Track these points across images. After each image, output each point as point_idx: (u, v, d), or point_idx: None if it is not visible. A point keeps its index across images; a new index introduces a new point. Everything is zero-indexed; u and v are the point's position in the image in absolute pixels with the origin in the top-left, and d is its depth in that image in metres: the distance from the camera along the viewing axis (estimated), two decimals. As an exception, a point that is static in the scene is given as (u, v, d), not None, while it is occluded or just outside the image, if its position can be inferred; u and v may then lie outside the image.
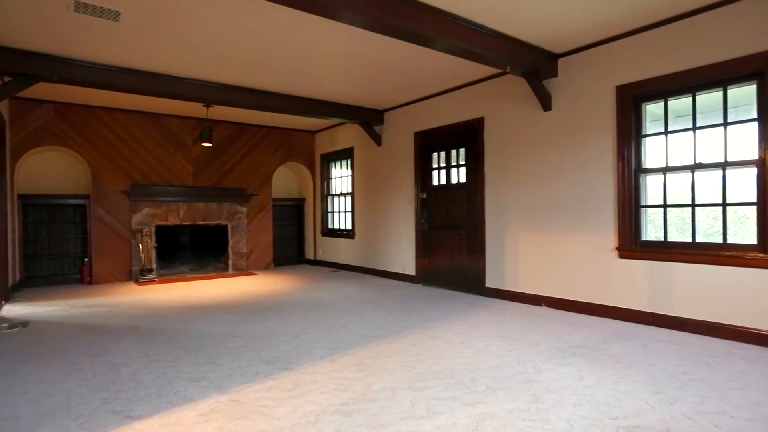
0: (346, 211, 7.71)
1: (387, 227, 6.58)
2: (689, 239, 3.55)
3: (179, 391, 2.41)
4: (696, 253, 3.42)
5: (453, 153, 5.56)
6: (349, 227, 7.57)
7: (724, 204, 3.36)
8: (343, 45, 4.10)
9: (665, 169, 3.68)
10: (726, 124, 3.35)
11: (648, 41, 3.69)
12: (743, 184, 3.32)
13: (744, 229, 3.38)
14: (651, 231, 3.85)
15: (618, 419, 2.02)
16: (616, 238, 3.90)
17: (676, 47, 3.52)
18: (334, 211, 8.08)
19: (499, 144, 4.94)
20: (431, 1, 3.24)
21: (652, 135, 3.80)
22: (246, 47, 4.12)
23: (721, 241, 3.38)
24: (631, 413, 2.08)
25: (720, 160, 3.37)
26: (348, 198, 7.61)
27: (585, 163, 4.13)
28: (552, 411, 2.11)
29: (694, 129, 3.52)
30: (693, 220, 3.53)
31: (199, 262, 7.41)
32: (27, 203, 6.01)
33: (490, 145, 5.03)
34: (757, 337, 3.10)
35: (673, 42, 3.54)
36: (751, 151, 3.23)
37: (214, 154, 7.19)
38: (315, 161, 8.36)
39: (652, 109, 3.84)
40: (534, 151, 4.57)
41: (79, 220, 6.38)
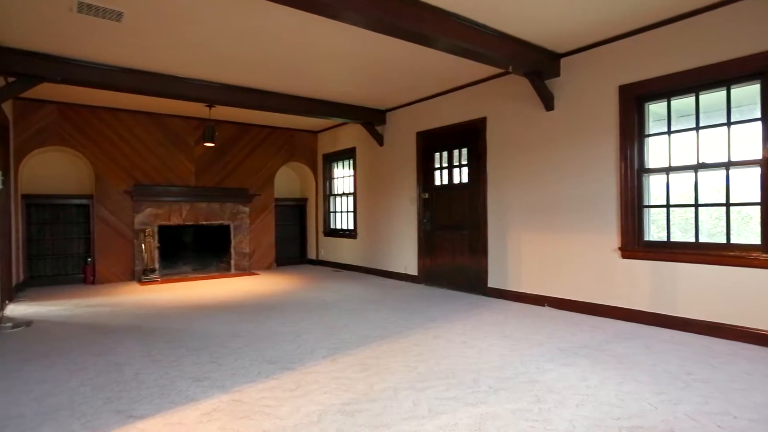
0: (348, 211, 7.71)
1: (389, 227, 6.58)
2: (692, 239, 3.54)
3: (182, 390, 2.42)
4: (699, 253, 3.41)
5: (455, 153, 5.55)
6: (351, 227, 7.57)
7: (728, 204, 3.35)
8: (345, 45, 4.10)
9: (668, 169, 3.67)
10: (729, 124, 3.33)
11: (650, 41, 3.68)
12: (747, 183, 3.31)
13: (747, 229, 3.37)
14: (654, 231, 3.84)
15: (621, 420, 2.01)
16: (618, 238, 3.89)
17: (678, 47, 3.51)
18: (336, 211, 8.09)
19: (501, 144, 4.93)
20: (433, 1, 3.24)
21: (655, 135, 3.79)
22: (248, 47, 4.13)
23: (724, 241, 3.37)
24: (634, 414, 2.07)
25: (723, 159, 3.36)
26: (350, 198, 7.62)
27: (587, 163, 4.12)
28: (554, 411, 2.10)
29: (697, 129, 3.51)
30: (696, 220, 3.52)
31: (202, 262, 7.42)
32: (31, 203, 6.03)
33: (492, 145, 5.03)
34: (761, 337, 3.09)
35: (675, 41, 3.53)
36: (754, 151, 3.22)
37: (217, 154, 7.20)
38: (317, 161, 8.37)
39: (655, 109, 3.83)
40: (536, 151, 4.57)
41: (83, 220, 6.40)
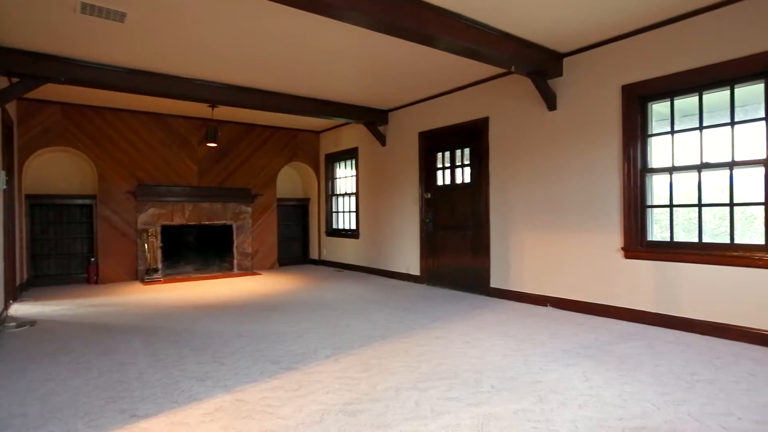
0: (350, 211, 7.71)
1: (391, 227, 6.58)
2: (696, 239, 3.53)
3: (185, 390, 2.42)
4: (703, 253, 3.40)
5: (457, 153, 5.55)
6: (353, 227, 7.57)
7: (732, 204, 3.34)
8: (347, 45, 4.10)
9: (671, 169, 3.66)
10: (733, 124, 3.32)
11: (654, 40, 3.67)
12: (751, 183, 3.30)
13: (751, 230, 3.35)
14: (657, 231, 3.82)
15: (624, 420, 2.01)
16: (621, 238, 3.88)
17: (682, 46, 3.50)
18: (338, 211, 8.09)
19: (503, 144, 4.93)
20: (435, 1, 3.23)
21: (659, 134, 3.77)
22: (251, 47, 4.14)
23: (728, 241, 3.36)
24: (638, 414, 2.07)
25: (727, 159, 3.35)
26: (352, 198, 7.62)
27: (590, 163, 4.11)
28: (557, 412, 2.10)
29: (701, 128, 3.50)
30: (700, 220, 3.50)
31: (204, 262, 7.44)
32: (35, 203, 6.06)
33: (494, 145, 5.02)
34: (765, 338, 3.07)
35: (679, 41, 3.52)
36: (758, 151, 3.20)
37: (219, 154, 7.22)
38: (319, 161, 8.37)
39: (659, 109, 3.82)
40: (539, 150, 4.56)
41: (86, 220, 6.43)
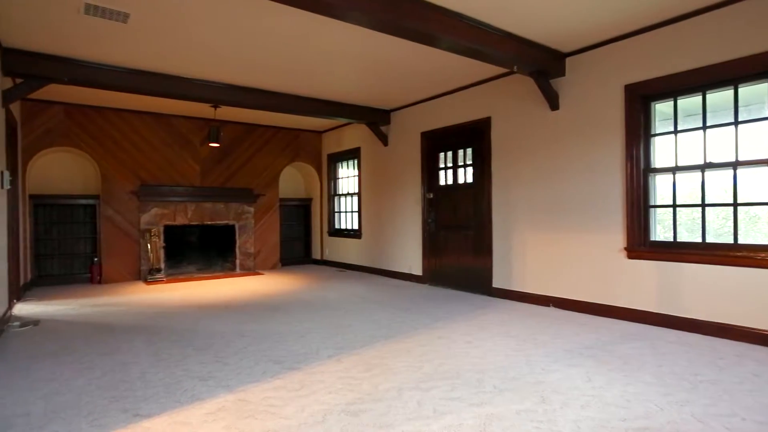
0: (352, 211, 7.72)
1: (394, 227, 6.58)
2: (699, 239, 3.52)
3: (187, 389, 2.43)
4: (706, 253, 3.38)
5: (460, 153, 5.54)
6: (355, 227, 7.57)
7: (735, 204, 3.32)
8: (349, 45, 4.10)
9: (675, 169, 3.65)
10: (737, 123, 3.30)
11: (657, 40, 3.66)
12: (755, 183, 3.28)
13: (755, 230, 3.33)
14: (660, 231, 3.81)
15: (627, 421, 2.00)
16: (624, 238, 3.87)
17: (685, 45, 3.49)
18: (340, 211, 8.09)
19: (506, 144, 4.92)
20: (438, 1, 3.23)
21: (662, 134, 3.76)
22: (253, 48, 4.14)
23: (731, 241, 3.34)
24: (641, 415, 2.06)
25: (731, 159, 3.33)
26: (355, 198, 7.62)
27: (593, 163, 4.10)
28: (560, 412, 2.10)
29: (704, 128, 3.48)
30: (703, 220, 3.49)
31: (207, 262, 7.45)
32: (38, 203, 6.08)
33: (497, 145, 5.02)
34: (769, 338, 3.06)
35: (682, 40, 3.51)
36: (762, 150, 3.19)
37: (222, 154, 7.23)
38: (322, 161, 8.38)
39: (662, 108, 3.80)
40: (541, 150, 4.55)
41: (89, 220, 6.45)
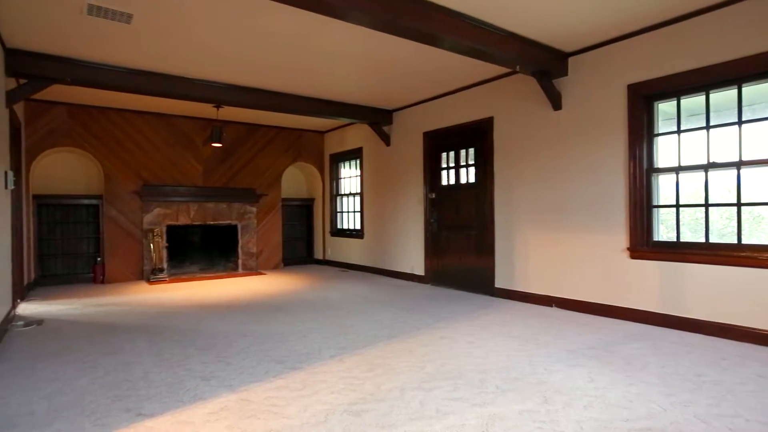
0: (355, 211, 7.72)
1: (396, 227, 6.58)
2: (702, 240, 3.50)
3: (190, 389, 2.44)
4: (709, 253, 3.37)
5: (462, 153, 5.54)
6: (358, 227, 7.58)
7: (739, 204, 3.31)
8: (351, 45, 4.11)
9: (678, 169, 3.63)
10: (741, 123, 3.29)
11: (660, 39, 3.64)
12: (759, 183, 3.27)
13: (759, 230, 3.32)
14: (663, 231, 3.80)
15: (630, 422, 2.00)
16: (627, 238, 3.86)
17: (688, 45, 3.48)
18: (343, 211, 8.10)
19: (508, 144, 4.91)
20: (440, 1, 3.23)
21: (665, 134, 3.75)
22: (255, 48, 4.15)
23: (735, 241, 3.33)
24: (643, 416, 2.06)
25: (734, 159, 3.32)
26: (357, 198, 7.62)
27: (596, 163, 4.09)
28: (562, 413, 2.09)
29: (708, 128, 3.47)
30: (706, 221, 3.48)
31: (210, 262, 7.47)
32: (42, 203, 6.11)
33: (499, 145, 5.01)
34: (773, 339, 3.05)
35: (685, 40, 3.49)
36: (766, 150, 3.18)
37: (224, 154, 7.24)
38: (324, 161, 8.39)
39: (665, 108, 3.79)
40: (544, 150, 4.54)
41: (92, 220, 6.47)
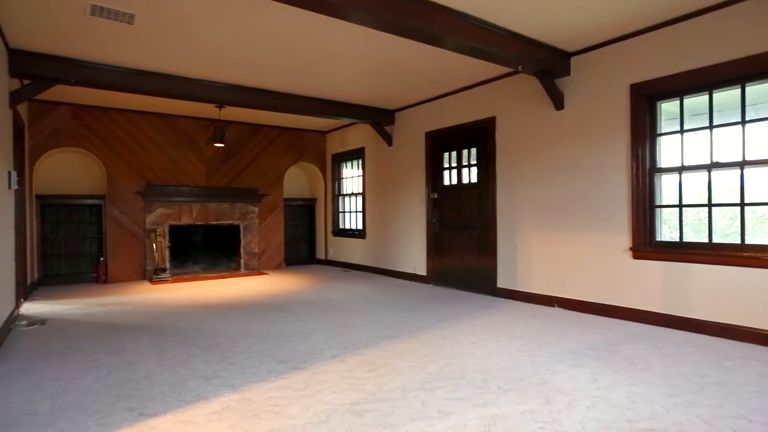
0: (357, 211, 7.72)
1: (398, 227, 6.58)
2: (706, 240, 3.49)
3: (192, 389, 2.44)
4: (712, 253, 3.36)
5: (464, 153, 5.53)
6: (360, 227, 7.58)
7: (742, 204, 3.30)
8: (353, 45, 4.11)
9: (681, 169, 3.62)
10: (744, 123, 3.28)
11: (662, 39, 3.63)
12: (762, 183, 3.25)
13: (763, 230, 3.31)
14: (666, 231, 3.79)
15: (632, 422, 1.99)
16: (629, 238, 3.85)
17: (692, 44, 3.46)
18: (345, 211, 8.10)
19: (510, 144, 4.91)
20: (442, 0, 3.23)
21: (668, 134, 3.74)
22: (257, 48, 4.15)
23: (738, 241, 3.32)
24: (646, 416, 2.05)
25: (738, 159, 3.31)
26: (359, 198, 7.63)
27: (598, 163, 4.08)
28: (565, 413, 2.09)
29: (711, 127, 3.46)
30: (710, 221, 3.47)
31: (212, 262, 7.48)
32: (45, 203, 6.13)
33: (501, 145, 5.00)
34: (777, 339, 3.04)
35: (688, 39, 3.48)
36: (770, 150, 3.16)
37: (227, 154, 7.25)
38: (326, 161, 8.39)
39: (668, 108, 3.78)
40: (546, 150, 4.53)
41: (95, 220, 6.49)
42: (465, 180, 5.52)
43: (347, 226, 8.02)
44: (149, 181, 6.58)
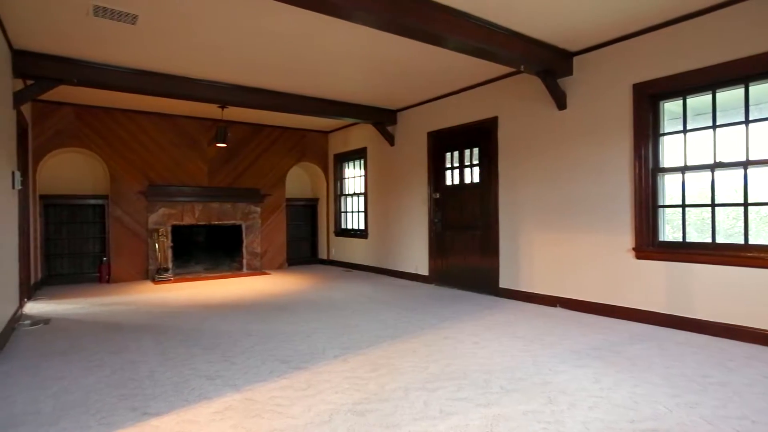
0: (359, 211, 7.73)
1: (400, 227, 6.58)
2: (709, 240, 3.48)
3: (195, 388, 2.45)
4: (716, 254, 3.35)
5: (466, 153, 5.53)
6: (362, 227, 7.58)
7: (746, 204, 3.28)
8: (355, 45, 4.11)
9: (684, 168, 3.61)
10: (747, 122, 3.27)
11: (665, 38, 3.62)
12: (766, 183, 3.24)
13: (766, 230, 3.29)
14: (669, 231, 3.78)
15: (635, 423, 1.99)
16: (632, 238, 3.84)
17: (695, 44, 3.45)
18: (347, 211, 8.10)
19: (512, 143, 4.90)
20: (444, 0, 3.23)
21: (671, 134, 3.73)
22: (259, 49, 4.16)
23: (742, 242, 3.30)
24: (649, 417, 2.04)
25: (741, 158, 3.29)
26: (361, 198, 7.63)
27: (601, 163, 4.07)
28: (567, 413, 2.08)
29: (714, 127, 3.44)
30: (713, 221, 3.45)
31: (214, 262, 7.50)
32: (48, 203, 6.15)
33: (503, 145, 5.00)
34: (780, 340, 3.03)
35: (692, 39, 3.47)
36: (773, 150, 3.15)
37: (229, 154, 7.27)
38: (328, 161, 8.40)
39: (671, 107, 3.77)
40: (548, 150, 4.52)
41: (98, 219, 6.51)
42: (467, 180, 5.52)
43: (349, 226, 8.02)
44: (152, 181, 6.60)
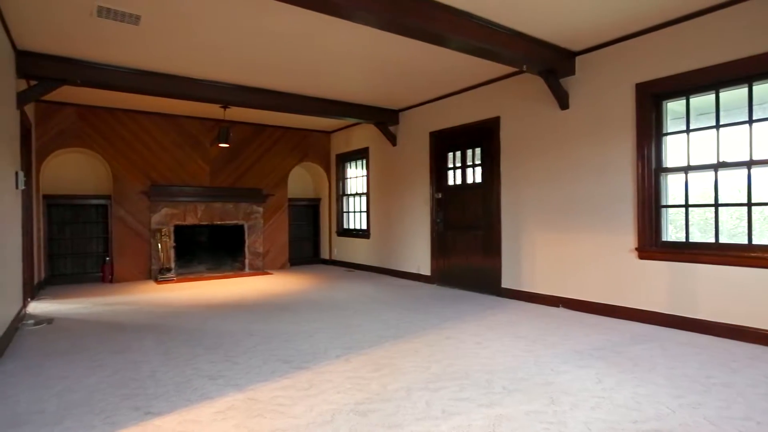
0: (361, 211, 7.73)
1: (402, 227, 6.58)
2: (712, 240, 3.47)
3: (197, 388, 2.45)
4: (719, 254, 3.34)
5: (469, 153, 5.52)
6: (364, 227, 7.58)
7: (750, 204, 3.27)
8: (357, 45, 4.11)
9: (687, 168, 3.60)
10: (751, 122, 3.25)
11: (668, 38, 3.61)
12: (769, 183, 3.23)
13: (770, 230, 3.28)
14: (672, 231, 3.76)
15: (638, 423, 1.98)
16: (635, 238, 3.83)
17: (698, 43, 3.44)
18: (349, 211, 8.11)
19: (515, 143, 4.89)
20: (446, 0, 3.22)
21: (674, 133, 3.72)
22: (262, 49, 4.16)
23: (745, 242, 3.29)
24: (652, 417, 2.04)
25: (745, 158, 3.28)
26: (363, 198, 7.63)
27: (603, 163, 4.06)
28: (570, 414, 2.08)
29: (718, 127, 3.43)
30: (716, 221, 3.44)
31: (217, 262, 7.51)
32: (51, 203, 6.18)
33: (506, 145, 4.99)
34: (784, 340, 3.01)
35: (694, 38, 3.46)
36: (777, 150, 3.14)
37: (231, 154, 7.28)
38: (330, 161, 8.40)
39: (674, 107, 3.76)
40: (551, 150, 4.52)
41: (101, 219, 6.53)
42: (469, 180, 5.51)
43: (351, 226, 8.03)
44: (154, 181, 6.61)
